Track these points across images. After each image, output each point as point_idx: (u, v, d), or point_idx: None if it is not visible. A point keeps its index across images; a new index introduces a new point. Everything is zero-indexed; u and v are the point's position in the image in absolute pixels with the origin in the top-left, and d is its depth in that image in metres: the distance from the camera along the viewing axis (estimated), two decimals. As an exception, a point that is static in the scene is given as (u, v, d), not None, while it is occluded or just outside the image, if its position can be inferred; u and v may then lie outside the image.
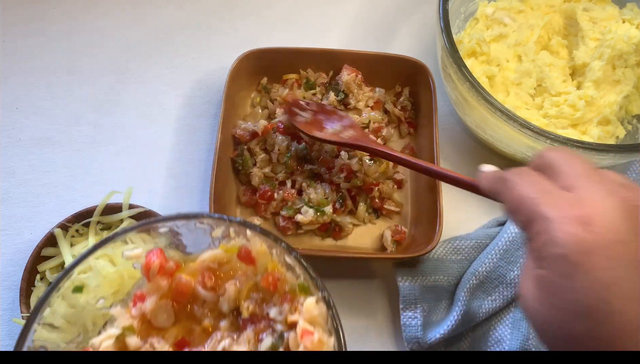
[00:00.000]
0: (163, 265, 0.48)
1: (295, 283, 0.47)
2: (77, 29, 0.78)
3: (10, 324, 0.61)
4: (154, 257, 0.47)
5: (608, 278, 0.33)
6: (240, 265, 0.49)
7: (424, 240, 0.60)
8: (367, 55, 0.70)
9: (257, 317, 0.47)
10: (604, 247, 0.34)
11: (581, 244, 0.34)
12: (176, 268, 0.48)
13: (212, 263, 0.49)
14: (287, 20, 0.80)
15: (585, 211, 0.35)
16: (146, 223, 0.48)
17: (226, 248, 0.49)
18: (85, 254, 0.46)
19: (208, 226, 0.49)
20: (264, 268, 0.48)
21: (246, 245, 0.48)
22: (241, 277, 0.48)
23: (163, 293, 0.48)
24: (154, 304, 0.47)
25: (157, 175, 0.69)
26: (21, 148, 0.70)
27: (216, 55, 0.77)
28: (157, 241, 0.50)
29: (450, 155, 0.71)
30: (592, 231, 0.34)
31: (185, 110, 0.73)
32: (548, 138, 0.56)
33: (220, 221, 0.48)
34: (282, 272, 0.48)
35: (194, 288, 0.48)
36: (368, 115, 0.68)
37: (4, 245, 0.65)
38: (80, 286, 0.48)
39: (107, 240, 0.47)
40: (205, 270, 0.48)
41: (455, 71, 0.60)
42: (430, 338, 0.58)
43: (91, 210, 0.61)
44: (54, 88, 0.74)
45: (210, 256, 0.49)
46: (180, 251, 0.52)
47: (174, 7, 0.80)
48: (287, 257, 0.47)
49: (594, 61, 0.68)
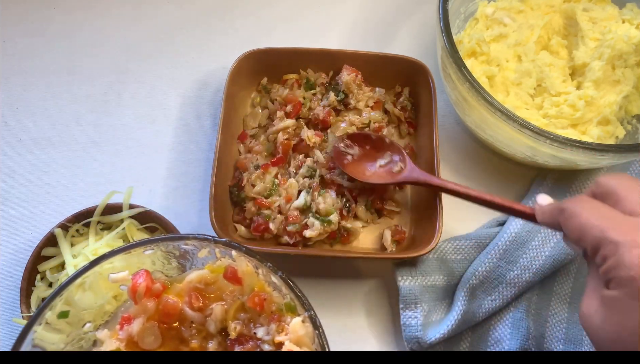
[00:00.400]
0: (150, 287, 0.48)
1: (282, 303, 0.47)
2: (77, 29, 0.78)
3: (11, 324, 0.61)
4: (140, 279, 0.47)
5: None
6: (226, 285, 0.49)
7: (424, 240, 0.60)
8: (367, 55, 0.70)
9: (244, 337, 0.47)
10: None
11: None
12: (163, 289, 0.48)
13: (198, 284, 0.49)
14: (287, 21, 0.80)
15: None
16: (128, 246, 0.48)
17: (212, 269, 0.49)
18: (67, 282, 0.46)
19: (193, 247, 0.49)
20: (251, 288, 0.48)
21: (232, 265, 0.48)
22: (228, 297, 0.48)
23: (150, 314, 0.48)
24: (141, 326, 0.47)
25: (157, 175, 0.69)
26: (21, 148, 0.70)
27: (216, 55, 0.77)
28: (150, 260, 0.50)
29: (450, 155, 0.71)
30: None
31: (185, 110, 0.73)
32: (548, 138, 0.56)
33: (205, 242, 0.48)
34: (269, 292, 0.48)
35: (181, 309, 0.48)
36: (368, 115, 0.68)
37: (5, 245, 0.65)
38: (66, 312, 0.48)
39: (87, 267, 0.47)
40: (192, 291, 0.49)
41: (455, 71, 0.60)
42: (430, 337, 0.58)
43: (91, 210, 0.61)
44: (54, 88, 0.74)
45: (196, 277, 0.49)
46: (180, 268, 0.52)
47: (174, 7, 0.80)
48: (274, 277, 0.47)
49: (593, 61, 0.68)
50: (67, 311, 0.48)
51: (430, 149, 0.65)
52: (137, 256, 0.49)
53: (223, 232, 0.59)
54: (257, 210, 0.63)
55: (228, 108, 0.66)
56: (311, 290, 0.64)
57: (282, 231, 0.62)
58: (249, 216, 0.63)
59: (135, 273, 0.48)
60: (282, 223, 0.62)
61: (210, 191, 0.61)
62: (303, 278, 0.64)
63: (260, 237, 0.63)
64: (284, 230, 0.62)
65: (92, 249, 0.58)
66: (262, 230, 0.62)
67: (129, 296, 0.48)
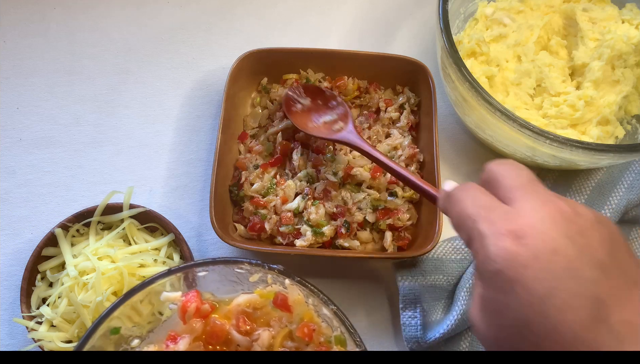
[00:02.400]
0: (199, 307, 0.47)
1: (331, 335, 0.46)
2: (78, 29, 0.78)
3: (11, 324, 0.61)
4: (191, 300, 0.47)
5: (543, 289, 0.33)
6: (274, 311, 0.48)
7: (424, 240, 0.60)
8: (366, 55, 0.70)
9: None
10: (537, 259, 0.33)
11: (515, 258, 0.33)
12: (211, 310, 0.48)
13: (247, 308, 0.49)
14: (288, 21, 0.80)
15: (518, 224, 0.34)
16: (184, 267, 0.48)
17: (262, 294, 0.49)
18: (117, 303, 0.45)
19: (245, 271, 0.49)
20: (299, 316, 0.48)
21: (283, 292, 0.48)
22: (275, 324, 0.48)
23: (197, 334, 0.47)
24: (187, 346, 0.47)
25: (157, 175, 0.69)
26: (22, 148, 0.70)
27: (217, 55, 0.77)
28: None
29: (450, 155, 0.71)
30: (525, 244, 0.33)
31: (186, 110, 0.74)
32: (547, 138, 0.56)
33: (258, 267, 0.48)
34: (318, 322, 0.47)
35: (228, 331, 0.47)
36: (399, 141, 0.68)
37: (5, 245, 0.65)
38: (117, 328, 0.47)
39: (143, 285, 0.47)
40: (240, 314, 0.48)
41: (454, 71, 0.60)
42: (430, 337, 0.58)
43: (92, 210, 0.61)
44: (55, 89, 0.74)
45: (245, 301, 0.49)
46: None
47: (175, 8, 0.80)
48: (325, 308, 0.46)
49: (593, 61, 0.68)
50: (119, 328, 0.48)
51: (430, 149, 0.65)
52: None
53: (223, 232, 0.59)
54: (255, 209, 0.63)
55: (228, 108, 0.66)
56: (311, 290, 0.64)
57: (276, 232, 0.62)
58: (247, 215, 0.63)
59: (186, 293, 0.48)
60: (277, 224, 0.62)
61: (211, 191, 0.61)
62: (303, 278, 0.64)
63: (257, 237, 0.63)
64: (278, 230, 0.62)
65: (92, 249, 0.58)
66: (257, 230, 0.62)
67: (178, 315, 0.48)
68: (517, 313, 0.33)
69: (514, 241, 0.34)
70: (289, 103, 0.66)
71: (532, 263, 0.33)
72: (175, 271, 0.48)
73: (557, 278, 0.33)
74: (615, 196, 0.65)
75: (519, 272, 0.33)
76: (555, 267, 0.33)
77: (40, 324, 0.57)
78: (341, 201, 0.63)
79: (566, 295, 0.32)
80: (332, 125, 0.64)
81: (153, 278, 0.47)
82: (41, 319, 0.57)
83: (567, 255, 0.33)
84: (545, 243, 0.33)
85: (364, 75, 0.71)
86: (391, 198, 0.63)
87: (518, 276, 0.33)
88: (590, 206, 0.65)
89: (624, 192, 0.65)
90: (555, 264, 0.33)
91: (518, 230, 0.34)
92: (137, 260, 0.57)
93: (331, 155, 0.65)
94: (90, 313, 0.55)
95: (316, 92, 0.67)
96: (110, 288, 0.56)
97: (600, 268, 0.33)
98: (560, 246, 0.33)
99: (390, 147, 0.67)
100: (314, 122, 0.65)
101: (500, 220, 0.35)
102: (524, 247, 0.33)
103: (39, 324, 0.57)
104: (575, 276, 0.33)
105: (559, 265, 0.33)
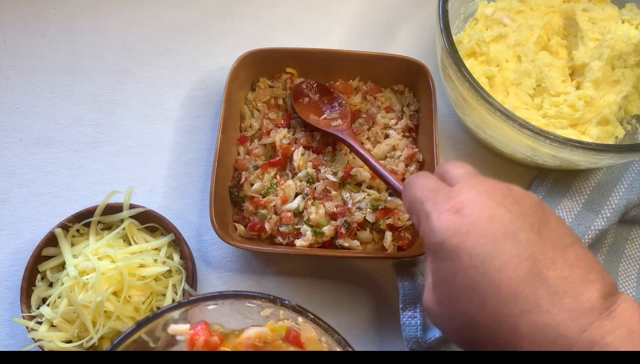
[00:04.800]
0: (207, 340, 0.47)
1: None
2: (77, 29, 0.78)
3: (11, 324, 0.61)
4: (199, 333, 0.46)
5: (484, 252, 0.36)
6: (285, 346, 0.48)
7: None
8: (366, 55, 0.70)
9: None
10: (476, 225, 0.37)
11: (456, 228, 0.37)
12: (220, 342, 0.48)
13: (257, 341, 0.48)
14: (287, 21, 0.80)
15: (458, 199, 0.38)
16: (193, 300, 0.47)
17: (273, 328, 0.48)
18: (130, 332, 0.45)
19: (256, 305, 0.48)
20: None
21: (295, 328, 0.47)
22: None
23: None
24: None
25: (157, 175, 0.69)
26: (22, 148, 0.70)
27: (217, 55, 0.77)
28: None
29: (450, 155, 0.71)
30: (464, 215, 0.37)
31: (186, 110, 0.74)
32: (547, 138, 0.56)
33: (269, 303, 0.47)
34: None
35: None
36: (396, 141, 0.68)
37: (5, 245, 0.65)
38: None
39: (149, 319, 0.46)
40: (250, 348, 0.47)
41: (454, 71, 0.60)
42: (430, 337, 0.58)
43: (92, 210, 0.61)
44: (55, 89, 0.74)
45: (256, 334, 0.48)
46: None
47: (175, 8, 0.80)
48: (338, 347, 0.45)
49: (593, 61, 0.68)
50: None
51: (430, 149, 0.65)
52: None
53: (223, 232, 0.60)
54: (255, 209, 0.63)
55: (228, 109, 0.66)
56: (310, 290, 0.64)
57: (276, 232, 0.62)
58: (247, 215, 0.63)
59: (195, 325, 0.47)
60: (277, 224, 0.62)
61: (211, 191, 0.61)
62: (302, 277, 0.64)
63: (257, 236, 0.63)
64: (278, 230, 0.62)
65: (92, 249, 0.58)
66: (257, 230, 0.62)
67: (187, 348, 0.47)
68: (464, 278, 0.36)
69: (455, 214, 0.38)
70: (297, 94, 0.69)
71: (472, 229, 0.36)
72: (184, 305, 0.46)
73: (495, 240, 0.36)
74: (615, 197, 0.65)
75: (462, 239, 0.37)
76: (493, 232, 0.36)
77: (40, 324, 0.57)
78: (341, 201, 0.63)
79: (505, 255, 0.36)
80: (331, 122, 0.67)
81: (160, 312, 0.46)
82: (41, 319, 0.57)
83: (503, 220, 0.37)
84: (482, 212, 0.37)
85: (363, 75, 0.71)
86: (391, 198, 0.63)
87: (460, 242, 0.37)
88: (590, 206, 0.65)
89: (624, 192, 0.65)
90: (493, 229, 0.36)
91: (458, 204, 0.38)
92: (137, 260, 0.57)
93: (331, 155, 0.66)
94: (90, 313, 0.55)
95: (325, 91, 0.70)
96: (111, 288, 0.56)
97: (534, 231, 0.37)
98: (497, 213, 0.37)
99: (390, 147, 0.67)
100: (315, 115, 0.68)
101: (443, 199, 0.39)
102: (464, 217, 0.37)
103: (39, 324, 0.57)
104: (513, 238, 0.36)
105: (497, 229, 0.36)
